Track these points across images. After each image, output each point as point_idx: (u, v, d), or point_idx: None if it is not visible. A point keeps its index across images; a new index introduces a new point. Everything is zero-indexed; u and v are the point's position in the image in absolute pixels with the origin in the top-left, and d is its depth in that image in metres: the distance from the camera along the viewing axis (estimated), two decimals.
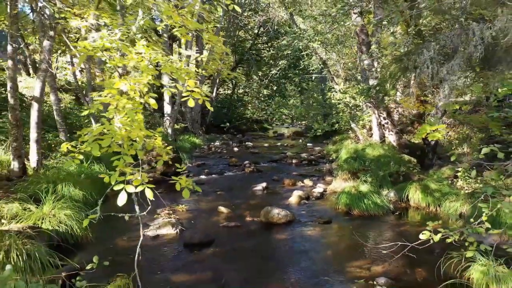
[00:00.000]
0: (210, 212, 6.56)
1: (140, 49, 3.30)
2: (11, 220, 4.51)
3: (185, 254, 4.85)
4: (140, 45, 3.30)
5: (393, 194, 7.40)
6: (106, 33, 3.35)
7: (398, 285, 3.95)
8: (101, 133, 2.90)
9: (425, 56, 6.36)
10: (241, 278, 4.24)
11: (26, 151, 7.44)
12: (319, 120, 17.29)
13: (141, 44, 3.30)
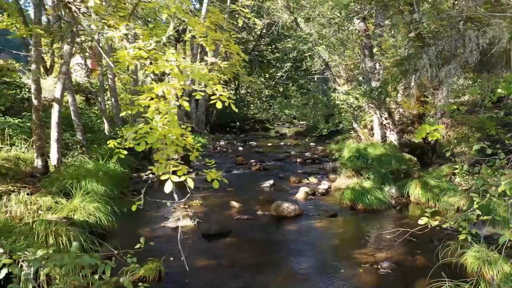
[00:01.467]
0: (223, 207, 7.05)
1: (170, 57, 3.78)
2: (47, 211, 4.98)
3: (204, 243, 5.34)
4: (170, 54, 3.78)
5: (395, 190, 7.88)
6: (142, 44, 3.83)
7: (400, 269, 4.43)
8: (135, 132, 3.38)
9: (424, 60, 6.85)
10: (255, 264, 4.71)
11: (46, 150, 7.90)
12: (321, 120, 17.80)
13: (170, 53, 3.78)
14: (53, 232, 3.96)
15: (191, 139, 3.84)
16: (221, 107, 3.41)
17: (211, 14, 4.71)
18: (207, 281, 4.26)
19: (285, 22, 12.46)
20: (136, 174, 9.72)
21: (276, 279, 4.29)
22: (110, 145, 3.59)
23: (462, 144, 10.55)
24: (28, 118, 8.99)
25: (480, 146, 3.82)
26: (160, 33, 4.58)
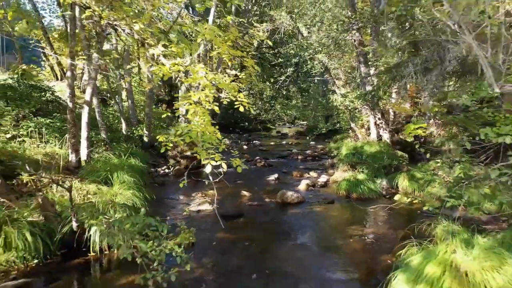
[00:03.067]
0: (235, 195, 8.22)
1: (200, 70, 4.95)
2: (94, 195, 6.14)
3: (223, 222, 6.49)
4: (199, 68, 4.95)
5: (385, 182, 9.06)
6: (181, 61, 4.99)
7: (382, 239, 5.61)
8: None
9: (410, 68, 8.03)
10: (265, 238, 5.89)
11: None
12: (321, 120, 19.01)
13: (200, 67, 4.95)
14: (110, 208, 5.13)
15: (219, 135, 5.01)
16: (226, 108, 4.57)
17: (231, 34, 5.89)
18: (226, 250, 5.44)
19: (287, 29, 13.62)
20: (154, 169, 10.89)
21: (283, 249, 5.46)
22: (160, 139, 4.75)
23: (450, 141, 11.72)
24: (58, 119, 10.15)
25: (462, 144, 4.97)
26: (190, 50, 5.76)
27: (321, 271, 4.71)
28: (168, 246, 3.61)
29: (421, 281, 3.64)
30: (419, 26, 7.54)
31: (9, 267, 4.31)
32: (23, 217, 4.68)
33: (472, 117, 7.81)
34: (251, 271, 4.65)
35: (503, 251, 3.79)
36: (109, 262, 4.85)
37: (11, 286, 3.90)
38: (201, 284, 4.33)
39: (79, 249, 4.86)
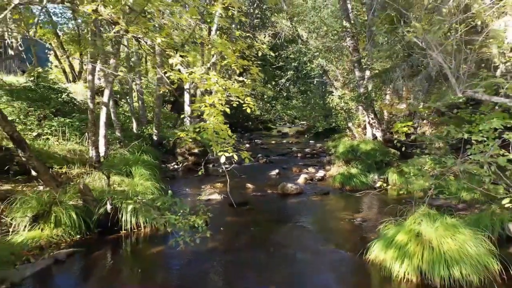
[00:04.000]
0: (240, 187, 9.22)
1: (213, 77, 5.94)
2: (119, 185, 7.15)
3: (231, 209, 7.50)
4: (212, 75, 5.94)
5: (377, 176, 10.06)
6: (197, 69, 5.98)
7: (368, 221, 6.62)
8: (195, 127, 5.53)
9: (397, 73, 9.04)
10: (267, 222, 6.89)
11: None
12: (320, 120, 20.01)
13: (213, 74, 5.95)
14: (137, 193, 6.15)
15: (230, 132, 6.00)
16: (229, 108, 5.53)
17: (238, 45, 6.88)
18: (235, 230, 6.44)
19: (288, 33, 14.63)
20: (164, 165, 11.89)
21: (283, 230, 6.47)
22: (181, 135, 5.75)
23: (439, 139, 12.72)
24: (76, 118, 11.15)
25: (447, 142, 5.95)
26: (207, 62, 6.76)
27: (316, 245, 5.72)
28: (192, 219, 4.61)
29: (392, 246, 4.64)
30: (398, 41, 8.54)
31: (59, 239, 5.32)
32: (67, 200, 5.69)
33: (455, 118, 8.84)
34: (257, 246, 5.66)
35: (459, 225, 4.79)
36: (137, 238, 5.85)
37: (64, 254, 4.90)
38: (215, 255, 5.34)
39: (112, 228, 5.87)
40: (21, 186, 7.20)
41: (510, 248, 5.45)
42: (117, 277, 4.65)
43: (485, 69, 7.69)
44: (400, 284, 4.35)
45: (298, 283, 4.56)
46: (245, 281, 4.63)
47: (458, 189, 8.05)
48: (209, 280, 4.63)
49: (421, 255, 4.42)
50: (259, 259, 5.18)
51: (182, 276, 4.77)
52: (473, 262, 4.31)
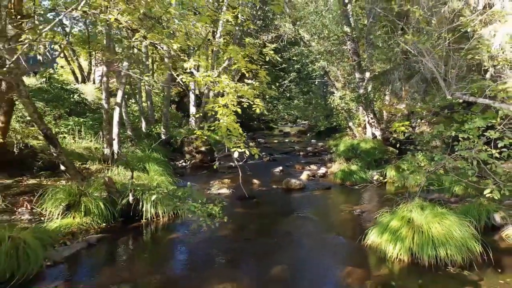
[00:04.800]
0: (247, 183, 9.86)
1: (225, 80, 6.58)
2: (135, 180, 7.78)
3: (239, 202, 8.15)
4: (224, 78, 6.58)
5: (375, 172, 10.70)
6: (210, 73, 6.62)
7: (366, 212, 7.26)
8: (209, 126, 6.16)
9: (395, 76, 9.69)
10: (274, 214, 7.53)
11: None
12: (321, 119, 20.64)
13: (224, 77, 6.58)
14: (155, 186, 6.80)
15: (241, 130, 6.63)
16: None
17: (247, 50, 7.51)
18: (243, 221, 7.07)
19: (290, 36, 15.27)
20: (172, 162, 12.53)
21: (288, 220, 7.11)
22: (197, 133, 6.38)
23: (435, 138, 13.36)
24: (90, 118, 11.79)
25: (443, 140, 6.59)
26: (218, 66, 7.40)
27: (319, 233, 6.37)
28: (210, 207, 5.25)
29: (387, 231, 5.28)
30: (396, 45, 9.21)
31: (88, 227, 5.96)
32: (92, 192, 6.33)
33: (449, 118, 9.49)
34: (264, 234, 6.31)
35: (446, 212, 5.44)
36: (156, 226, 6.49)
37: (95, 238, 5.54)
38: (226, 242, 5.98)
39: (134, 217, 6.51)
40: (45, 180, 7.84)
41: (494, 235, 6.10)
42: (139, 259, 5.29)
43: (476, 73, 8.36)
44: (393, 264, 4.99)
45: (303, 264, 5.20)
46: (255, 263, 5.27)
47: (451, 184, 8.67)
48: (221, 263, 5.27)
49: (412, 238, 5.05)
50: (267, 245, 5.82)
51: (195, 260, 5.40)
52: (458, 244, 4.95)
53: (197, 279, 4.59)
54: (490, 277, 4.70)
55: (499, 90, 6.37)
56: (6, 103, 7.74)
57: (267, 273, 4.83)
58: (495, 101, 5.87)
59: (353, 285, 4.48)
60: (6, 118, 7.75)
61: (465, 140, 5.79)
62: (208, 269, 4.97)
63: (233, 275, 4.79)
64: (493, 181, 6.05)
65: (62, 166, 6.56)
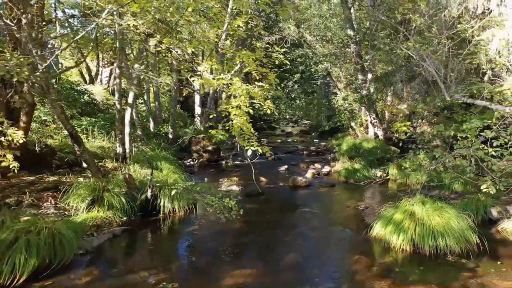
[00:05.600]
0: (254, 181, 10.28)
1: (237, 83, 7.02)
2: (157, 176, 8.22)
3: (249, 199, 8.60)
4: (236, 81, 7.02)
5: (378, 171, 11.16)
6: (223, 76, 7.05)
7: (370, 207, 7.71)
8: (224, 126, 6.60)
9: (397, 77, 10.14)
10: (281, 209, 7.98)
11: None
12: (323, 119, 21.11)
13: (237, 80, 7.03)
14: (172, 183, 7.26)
15: (252, 129, 7.07)
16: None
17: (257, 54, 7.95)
18: (253, 215, 7.51)
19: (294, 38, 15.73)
20: (180, 161, 12.97)
21: (295, 215, 7.56)
22: (212, 132, 6.82)
23: (436, 138, 13.83)
24: (101, 118, 12.23)
25: (444, 140, 7.04)
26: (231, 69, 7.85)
27: (325, 226, 6.83)
28: (226, 201, 5.70)
29: (390, 224, 5.74)
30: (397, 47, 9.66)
31: (110, 220, 6.41)
32: (113, 188, 6.78)
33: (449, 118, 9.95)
34: (274, 227, 6.76)
35: (446, 207, 5.89)
36: (173, 220, 6.93)
37: (120, 230, 5.99)
38: (238, 234, 6.43)
39: (151, 212, 6.96)
40: (64, 177, 8.28)
41: (491, 228, 6.56)
42: (161, 248, 5.75)
43: (474, 75, 8.83)
44: (397, 253, 5.44)
45: (313, 253, 5.65)
46: (268, 253, 5.71)
47: (450, 181, 9.10)
48: (235, 252, 5.70)
49: (414, 229, 5.51)
50: (278, 237, 6.27)
51: (211, 250, 5.82)
52: (456, 235, 5.40)
53: (214, 266, 5.05)
54: (486, 265, 5.14)
55: (496, 92, 6.84)
56: (27, 105, 8.18)
57: (280, 261, 5.28)
58: (492, 102, 6.34)
59: (360, 271, 4.93)
60: (28, 118, 8.20)
61: (464, 139, 6.24)
62: (223, 258, 5.41)
63: (247, 263, 5.24)
64: (489, 178, 6.52)
65: (84, 163, 7.01)
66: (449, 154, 6.22)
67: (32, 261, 4.36)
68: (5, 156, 6.38)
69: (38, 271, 4.41)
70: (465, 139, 6.30)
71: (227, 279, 4.59)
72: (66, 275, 4.49)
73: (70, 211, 6.59)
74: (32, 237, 4.60)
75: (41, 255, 4.52)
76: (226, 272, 4.83)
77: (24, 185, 7.40)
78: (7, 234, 4.52)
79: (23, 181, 7.71)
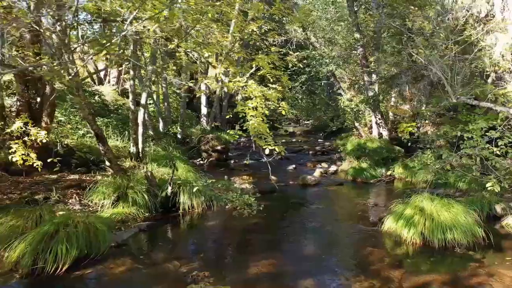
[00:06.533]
0: (265, 180, 10.68)
1: (252, 85, 7.40)
2: (168, 175, 8.61)
3: (262, 196, 8.95)
4: (251, 83, 7.40)
5: (384, 170, 11.55)
6: (239, 79, 7.44)
7: (378, 204, 8.10)
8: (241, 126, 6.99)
9: (402, 79, 10.53)
10: (293, 206, 8.38)
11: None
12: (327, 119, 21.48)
13: (252, 83, 7.40)
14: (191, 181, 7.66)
15: (267, 130, 7.45)
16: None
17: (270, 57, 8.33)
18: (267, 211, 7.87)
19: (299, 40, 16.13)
20: (190, 160, 13.36)
21: (309, 211, 7.96)
22: (230, 132, 7.19)
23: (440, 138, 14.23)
24: (114, 119, 12.60)
25: (447, 140, 7.43)
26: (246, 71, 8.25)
27: (338, 221, 7.24)
28: (246, 197, 6.09)
29: (401, 218, 6.13)
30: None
31: (134, 216, 6.79)
32: (137, 185, 7.17)
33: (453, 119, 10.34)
34: (288, 222, 7.15)
35: (453, 202, 6.28)
36: (192, 216, 7.31)
37: (145, 225, 6.38)
38: (255, 229, 6.82)
39: (171, 208, 7.35)
40: (83, 176, 8.67)
41: (495, 224, 6.95)
42: (184, 241, 6.19)
43: (479, 77, 9.21)
44: (407, 245, 5.83)
45: (330, 245, 6.06)
46: (286, 245, 6.10)
47: (456, 180, 9.47)
48: (255, 244, 6.10)
49: (424, 224, 5.89)
50: (293, 231, 6.66)
51: (230, 242, 6.23)
52: (463, 229, 5.79)
53: (237, 257, 5.45)
54: (491, 257, 5.54)
55: (500, 94, 7.24)
56: (49, 106, 8.57)
57: (299, 253, 5.67)
58: (496, 104, 6.74)
59: (374, 261, 5.32)
60: (49, 119, 8.59)
61: (469, 139, 6.63)
62: (245, 250, 5.82)
63: (268, 254, 5.61)
64: (494, 176, 6.91)
65: (107, 162, 7.38)
66: (456, 153, 6.61)
67: (72, 251, 4.74)
68: (28, 155, 6.79)
69: (77, 261, 4.78)
70: (471, 139, 6.68)
71: (251, 267, 4.98)
72: (103, 265, 4.87)
73: (94, 207, 6.98)
74: (71, 229, 4.98)
75: (80, 246, 4.90)
76: (249, 261, 5.21)
77: (48, 183, 7.79)
78: (48, 226, 4.91)
79: (46, 179, 8.09)
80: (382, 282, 4.64)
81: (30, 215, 5.38)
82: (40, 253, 4.59)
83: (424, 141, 13.95)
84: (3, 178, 7.55)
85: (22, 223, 5.28)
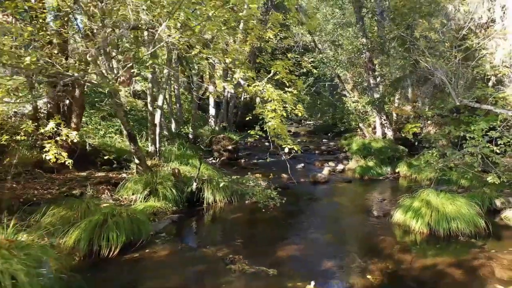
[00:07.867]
0: (277, 177, 11.36)
1: (270, 89, 8.07)
2: (189, 172, 9.27)
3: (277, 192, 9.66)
4: (269, 87, 8.07)
5: (389, 168, 12.24)
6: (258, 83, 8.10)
7: (385, 200, 8.78)
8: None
9: (407, 82, 11.22)
10: (306, 200, 9.05)
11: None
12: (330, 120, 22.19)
13: (269, 87, 8.07)
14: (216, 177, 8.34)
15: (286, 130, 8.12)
16: (243, 109, 7.69)
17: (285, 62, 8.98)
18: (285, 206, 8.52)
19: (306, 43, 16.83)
20: (204, 158, 14.02)
21: (321, 205, 8.65)
22: (251, 132, 7.85)
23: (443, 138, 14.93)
24: (130, 119, 13.23)
25: (449, 140, 8.12)
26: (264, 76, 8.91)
27: (351, 214, 7.92)
28: (268, 191, 6.76)
29: (409, 210, 6.81)
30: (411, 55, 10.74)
31: (163, 209, 7.46)
32: (165, 181, 7.84)
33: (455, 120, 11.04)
34: (304, 214, 7.84)
35: (457, 196, 6.97)
36: (215, 210, 7.98)
37: (176, 217, 7.05)
38: (274, 220, 7.50)
39: (196, 203, 8.01)
40: (110, 173, 9.33)
41: (495, 217, 7.63)
42: (212, 231, 6.88)
43: (480, 81, 9.90)
44: (415, 235, 6.52)
45: (345, 234, 6.76)
46: (305, 234, 6.77)
47: (458, 177, 10.15)
48: (276, 234, 6.77)
49: (430, 215, 6.58)
50: (310, 222, 7.35)
51: (255, 232, 6.91)
52: (466, 220, 6.48)
53: (263, 244, 6.12)
54: (491, 244, 6.22)
55: (500, 97, 7.94)
56: (78, 107, 9.23)
57: (317, 241, 6.37)
58: (496, 107, 7.43)
59: (385, 248, 6.00)
60: (78, 120, 9.25)
61: (472, 139, 7.32)
62: (269, 238, 6.50)
63: (290, 241, 6.31)
64: (494, 172, 7.60)
65: (137, 160, 8.04)
66: (459, 152, 7.29)
67: (121, 237, 5.40)
68: (60, 154, 7.44)
69: (125, 246, 5.45)
70: (473, 139, 7.38)
71: (279, 252, 5.67)
72: (148, 250, 5.54)
73: (124, 201, 7.65)
74: (118, 219, 5.64)
75: (127, 233, 5.56)
76: (276, 247, 5.90)
77: (80, 180, 8.45)
78: (98, 216, 5.57)
79: (77, 176, 8.75)
80: (395, 263, 5.33)
81: (79, 206, 6.03)
82: (94, 238, 5.25)
83: (428, 140, 14.68)
84: (40, 175, 8.20)
85: (71, 214, 5.93)
